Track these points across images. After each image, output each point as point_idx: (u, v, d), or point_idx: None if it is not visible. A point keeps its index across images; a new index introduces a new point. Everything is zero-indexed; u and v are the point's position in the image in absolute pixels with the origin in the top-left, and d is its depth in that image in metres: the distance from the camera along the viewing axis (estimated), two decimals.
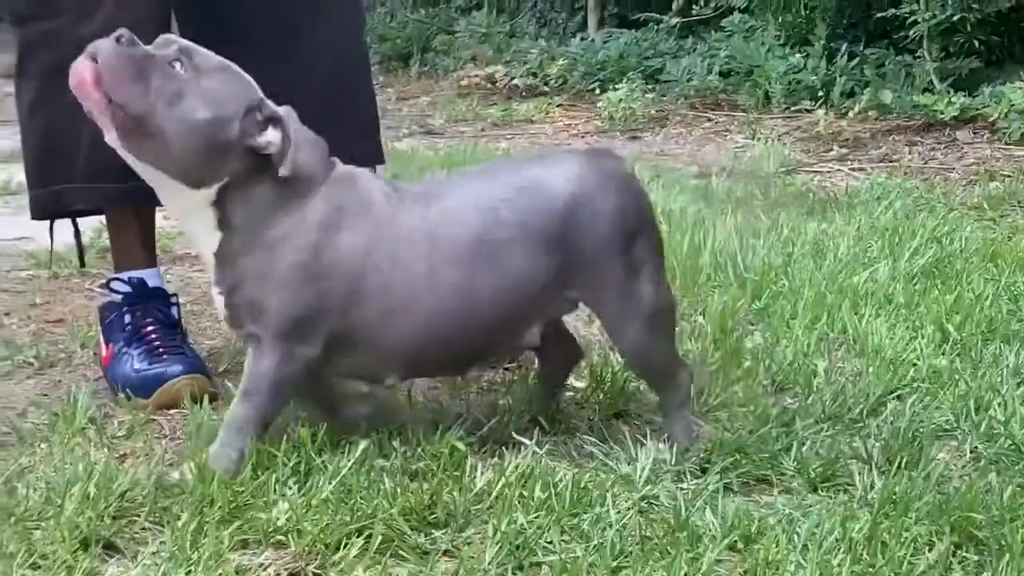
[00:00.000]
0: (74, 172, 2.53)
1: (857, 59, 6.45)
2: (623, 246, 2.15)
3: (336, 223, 2.09)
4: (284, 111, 2.11)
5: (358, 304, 2.09)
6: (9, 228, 4.30)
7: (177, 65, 2.04)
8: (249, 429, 2.09)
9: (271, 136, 2.06)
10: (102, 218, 2.85)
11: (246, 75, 2.11)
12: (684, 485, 2.08)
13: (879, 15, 6.35)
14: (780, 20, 6.84)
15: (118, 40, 2.04)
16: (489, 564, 1.81)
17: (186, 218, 2.15)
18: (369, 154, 2.67)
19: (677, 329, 2.36)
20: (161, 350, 2.50)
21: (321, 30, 2.59)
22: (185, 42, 2.10)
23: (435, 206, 2.14)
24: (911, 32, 6.01)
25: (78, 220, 2.74)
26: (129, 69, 2.02)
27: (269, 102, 2.08)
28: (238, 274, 2.09)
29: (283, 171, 2.05)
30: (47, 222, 2.73)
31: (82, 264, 2.85)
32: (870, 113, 5.98)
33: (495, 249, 2.11)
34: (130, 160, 2.08)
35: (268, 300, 2.07)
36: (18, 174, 4.97)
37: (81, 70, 2.03)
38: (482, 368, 2.36)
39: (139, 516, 1.93)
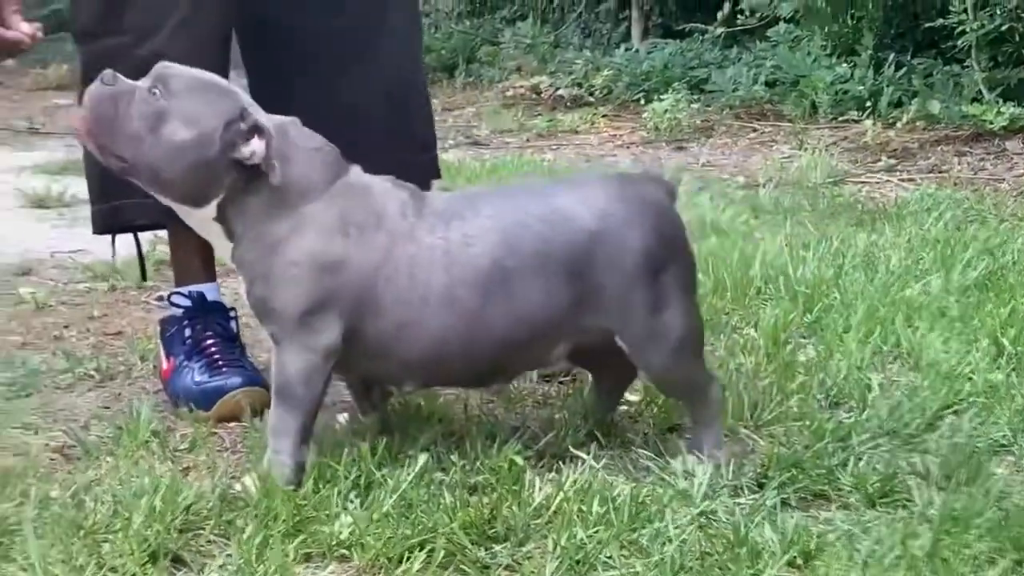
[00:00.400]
0: (134, 187, 2.55)
1: (904, 69, 6.42)
2: (648, 279, 2.14)
3: (339, 229, 2.11)
4: (287, 121, 2.14)
5: (373, 314, 2.11)
6: (65, 240, 4.36)
7: (156, 92, 2.09)
8: (293, 430, 2.12)
9: (254, 146, 2.08)
10: (160, 232, 2.89)
11: (227, 86, 2.14)
12: (741, 500, 2.09)
13: (927, 25, 6.32)
14: (827, 30, 6.81)
15: (102, 81, 2.12)
16: None
17: (201, 232, 2.22)
18: (425, 169, 2.70)
19: (707, 347, 2.35)
20: (221, 363, 2.53)
21: (381, 48, 2.61)
22: (165, 68, 2.13)
23: (456, 226, 2.14)
24: (959, 42, 5.98)
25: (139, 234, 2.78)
26: (110, 108, 2.10)
27: (253, 112, 2.10)
28: (249, 275, 2.14)
29: (273, 179, 2.08)
30: (108, 236, 2.76)
31: (143, 278, 2.89)
32: (918, 123, 5.96)
33: (512, 277, 2.12)
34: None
35: (274, 298, 2.11)
36: (72, 185, 5.07)
37: (74, 121, 2.14)
38: (506, 382, 2.37)
39: (204, 529, 1.96)
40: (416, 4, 2.77)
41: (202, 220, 2.16)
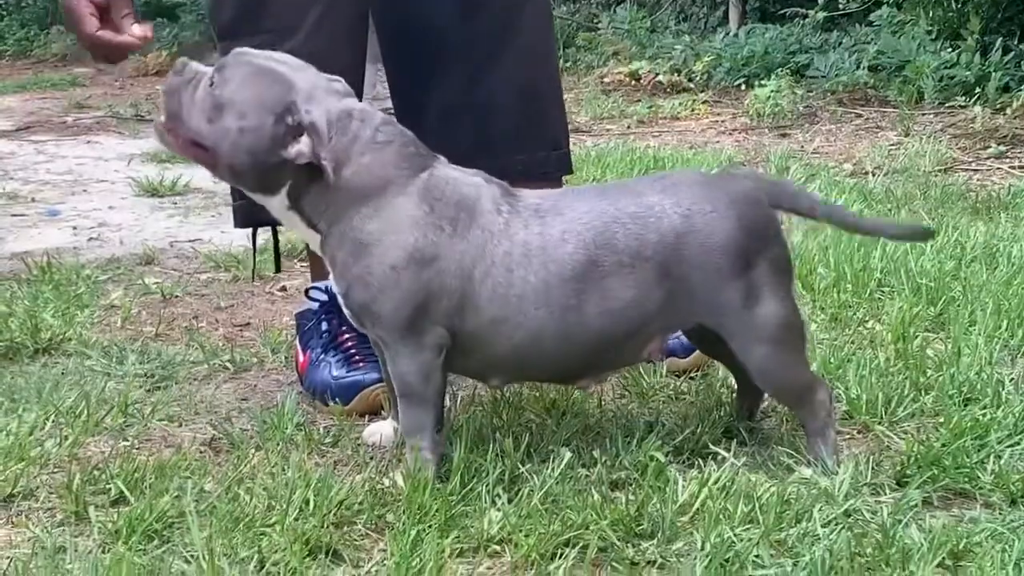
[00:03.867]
0: None
1: (1012, 54, 6.33)
2: (737, 275, 2.14)
3: (433, 224, 2.10)
4: (355, 110, 2.12)
5: (470, 310, 2.11)
6: (182, 230, 4.44)
7: (214, 83, 2.11)
8: (425, 427, 2.15)
9: (302, 146, 2.07)
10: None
11: (287, 75, 2.11)
12: (883, 498, 2.10)
13: None
14: (931, 15, 6.73)
15: (174, 71, 2.16)
16: None
17: (284, 222, 2.23)
18: (558, 165, 2.71)
19: (807, 347, 2.32)
20: (357, 358, 2.57)
21: (516, 47, 2.64)
22: (232, 56, 2.15)
23: (552, 222, 2.14)
24: None
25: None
26: (177, 99, 2.14)
27: (305, 107, 2.07)
28: (344, 278, 2.14)
29: (327, 179, 2.07)
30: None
31: (277, 269, 2.93)
32: None
33: (606, 273, 2.12)
34: None
35: (376, 304, 2.11)
36: (184, 174, 5.15)
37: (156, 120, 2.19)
38: (595, 379, 2.34)
39: (357, 523, 2.00)
40: (549, 4, 2.79)
41: (279, 208, 2.17)
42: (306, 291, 2.74)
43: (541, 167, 2.62)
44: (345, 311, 2.20)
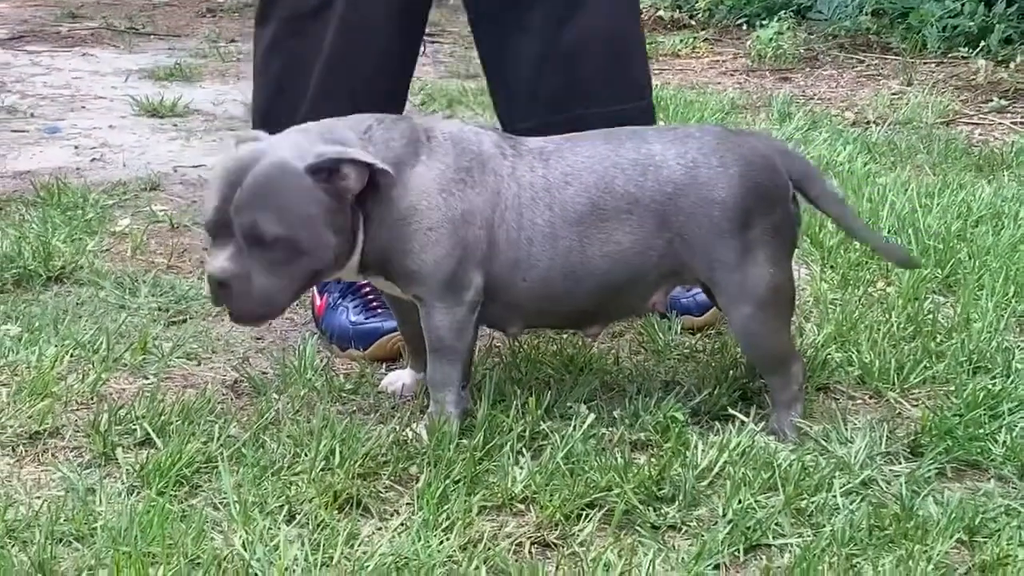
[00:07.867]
0: (295, 121, 2.59)
1: (1016, 6, 6.30)
2: (734, 232, 2.15)
3: (453, 178, 2.12)
4: (339, 125, 2.12)
5: (495, 253, 2.15)
6: (185, 154, 4.41)
7: (257, 236, 2.00)
8: (454, 380, 2.17)
9: (349, 178, 2.04)
10: None
11: (273, 156, 2.04)
12: (897, 468, 2.12)
13: None
14: None
15: (217, 278, 2.03)
16: (722, 544, 1.87)
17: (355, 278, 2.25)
18: (642, 114, 2.67)
19: (793, 317, 2.33)
20: (375, 304, 2.58)
21: None
22: (239, 226, 2.00)
23: (555, 164, 2.18)
24: None
25: None
26: (244, 282, 2.02)
27: (320, 148, 2.04)
28: (382, 258, 2.13)
29: (387, 178, 2.07)
30: None
31: None
32: None
33: (606, 217, 2.16)
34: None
35: (418, 265, 2.12)
36: (185, 94, 5.09)
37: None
38: (603, 327, 2.35)
39: (382, 475, 2.02)
40: None
41: (353, 271, 2.16)
42: None
43: (625, 117, 2.58)
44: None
